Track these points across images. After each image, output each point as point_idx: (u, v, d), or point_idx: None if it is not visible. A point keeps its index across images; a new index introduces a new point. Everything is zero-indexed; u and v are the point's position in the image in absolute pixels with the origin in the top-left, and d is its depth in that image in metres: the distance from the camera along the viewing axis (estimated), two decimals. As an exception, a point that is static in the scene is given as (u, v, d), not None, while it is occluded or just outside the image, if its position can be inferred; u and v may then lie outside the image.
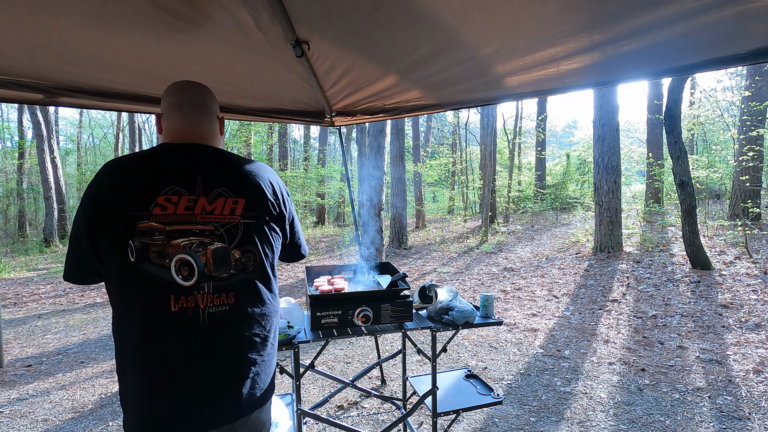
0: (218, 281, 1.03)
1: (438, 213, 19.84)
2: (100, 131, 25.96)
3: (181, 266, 1.00)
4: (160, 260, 0.98)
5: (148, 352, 0.97)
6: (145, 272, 0.97)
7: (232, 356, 1.04)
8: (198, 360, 0.99)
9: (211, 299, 1.02)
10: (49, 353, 4.02)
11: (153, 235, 0.98)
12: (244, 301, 1.07)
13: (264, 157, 16.95)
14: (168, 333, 0.98)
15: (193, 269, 1.01)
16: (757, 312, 4.10)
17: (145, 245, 0.97)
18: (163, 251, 0.99)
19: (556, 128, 33.51)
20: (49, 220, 12.18)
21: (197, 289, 1.01)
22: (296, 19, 1.42)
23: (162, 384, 0.97)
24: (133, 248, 0.97)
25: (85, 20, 1.33)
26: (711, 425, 2.43)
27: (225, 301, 1.04)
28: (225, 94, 2.03)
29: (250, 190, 1.11)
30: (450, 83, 1.87)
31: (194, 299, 1.00)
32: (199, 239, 1.02)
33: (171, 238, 1.00)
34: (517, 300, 5.36)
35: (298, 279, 7.27)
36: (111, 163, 1.04)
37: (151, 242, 0.98)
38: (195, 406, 0.99)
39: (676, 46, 1.39)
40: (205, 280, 1.02)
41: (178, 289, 0.99)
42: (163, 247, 0.99)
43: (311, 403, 2.80)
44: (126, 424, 1.01)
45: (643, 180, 13.31)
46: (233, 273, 1.06)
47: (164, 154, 1.07)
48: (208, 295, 1.02)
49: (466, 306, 1.90)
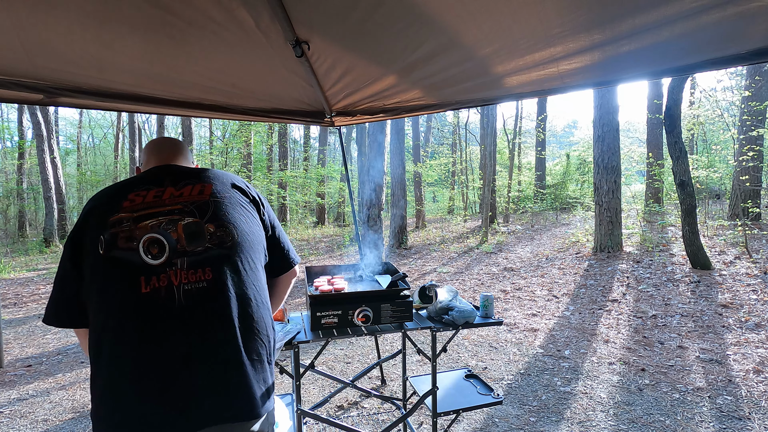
0: (193, 256, 0.99)
1: (438, 213, 19.84)
2: (100, 131, 25.96)
3: (150, 245, 0.98)
4: (128, 244, 0.98)
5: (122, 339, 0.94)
6: (113, 259, 0.96)
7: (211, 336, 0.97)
8: (172, 338, 0.94)
9: (186, 275, 0.98)
10: (49, 353, 4.02)
11: (121, 224, 1.00)
12: (223, 277, 1.01)
13: (264, 157, 16.97)
14: (143, 315, 0.94)
15: (163, 246, 0.98)
16: (757, 312, 4.10)
17: (113, 235, 0.98)
18: (131, 235, 0.98)
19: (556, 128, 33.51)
20: (49, 220, 12.17)
21: (169, 265, 0.97)
22: (296, 19, 1.42)
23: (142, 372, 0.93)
24: (103, 241, 0.98)
25: (85, 20, 1.33)
26: (711, 425, 2.43)
27: (202, 277, 0.99)
28: (225, 94, 2.03)
29: (216, 178, 1.17)
30: (450, 83, 1.87)
31: (167, 277, 0.96)
32: (168, 218, 1.01)
33: (138, 222, 1.00)
34: (517, 300, 5.36)
35: (298, 279, 7.28)
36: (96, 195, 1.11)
37: (119, 230, 0.99)
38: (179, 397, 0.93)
39: (676, 46, 1.39)
40: (178, 257, 0.98)
41: (147, 269, 0.96)
42: (130, 231, 0.98)
43: (311, 403, 2.80)
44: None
45: (643, 180, 13.32)
46: (209, 247, 1.02)
47: (145, 172, 1.17)
48: (182, 271, 0.97)
49: (466, 306, 1.90)
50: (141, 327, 0.94)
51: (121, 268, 0.96)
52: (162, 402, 0.92)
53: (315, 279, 1.98)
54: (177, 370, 0.93)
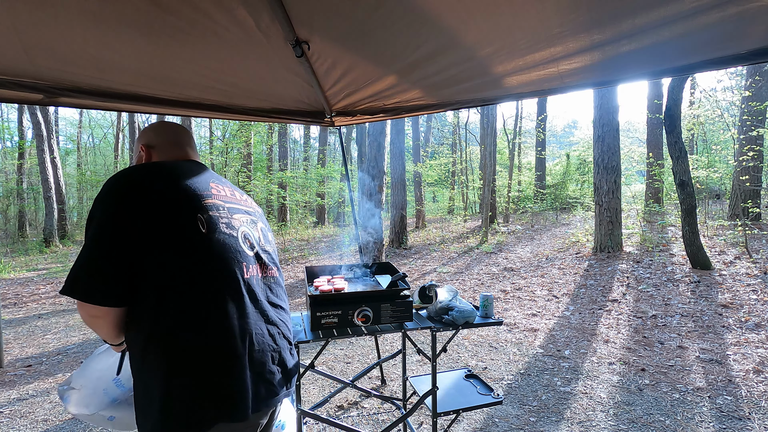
0: (267, 255, 1.17)
1: (438, 213, 19.83)
2: (100, 131, 25.96)
3: (245, 237, 1.11)
4: (230, 230, 1.06)
5: (237, 322, 0.99)
6: (218, 242, 1.01)
7: (284, 325, 1.16)
8: (265, 326, 1.08)
9: (263, 270, 1.14)
10: (49, 353, 4.02)
11: (219, 209, 1.06)
12: (280, 276, 1.23)
13: (264, 157, 16.96)
14: (246, 298, 1.03)
15: (252, 241, 1.13)
16: (757, 312, 4.10)
17: (213, 217, 1.03)
18: (230, 223, 1.07)
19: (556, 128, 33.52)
20: (49, 220, 12.17)
21: (257, 258, 1.13)
22: (296, 19, 1.42)
23: (255, 354, 1.02)
24: (203, 221, 1.00)
25: (85, 20, 1.33)
26: (711, 425, 2.43)
27: (273, 274, 1.18)
28: (225, 94, 2.03)
29: (244, 193, 1.32)
30: (450, 83, 1.87)
31: (255, 268, 1.11)
32: (249, 217, 1.18)
33: (232, 213, 1.11)
34: (517, 300, 5.36)
35: (298, 279, 7.27)
36: (137, 166, 1.04)
37: (218, 215, 1.05)
38: (271, 374, 1.06)
39: (676, 46, 1.39)
40: (261, 252, 1.15)
41: (246, 256, 1.08)
42: (229, 219, 1.08)
43: (311, 403, 2.80)
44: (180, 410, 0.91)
45: (643, 180, 13.32)
46: (272, 251, 1.23)
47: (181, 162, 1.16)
48: (262, 265, 1.14)
49: (466, 306, 1.90)
50: (247, 306, 1.03)
51: (227, 251, 1.02)
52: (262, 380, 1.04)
53: (315, 279, 1.98)
54: (266, 351, 1.06)
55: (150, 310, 0.93)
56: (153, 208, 0.95)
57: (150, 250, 0.93)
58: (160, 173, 1.03)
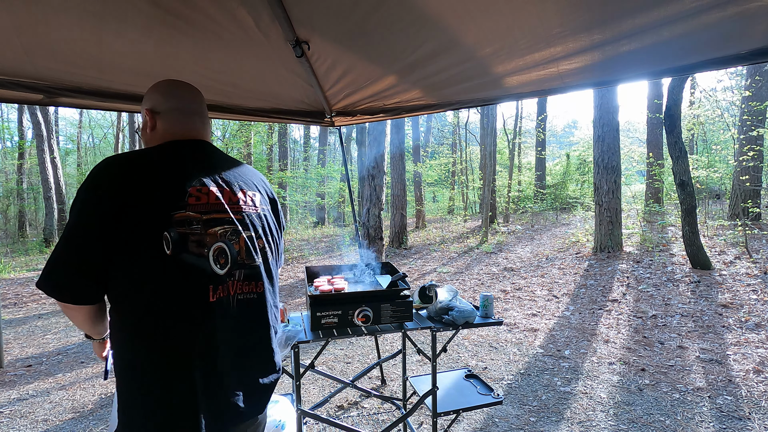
0: (248, 269, 1.05)
1: (438, 213, 19.83)
2: (100, 131, 25.95)
3: (219, 255, 1.00)
4: (199, 250, 0.97)
5: (194, 348, 0.94)
6: (182, 264, 0.94)
7: (259, 344, 1.08)
8: (232, 349, 1.01)
9: (240, 286, 1.04)
10: (49, 353, 4.02)
11: (191, 224, 0.96)
12: (266, 290, 1.10)
13: (264, 157, 16.95)
14: (210, 324, 0.97)
15: (227, 257, 1.02)
16: (757, 312, 4.10)
17: (182, 235, 0.94)
18: (202, 240, 0.97)
19: (556, 128, 33.48)
20: (49, 220, 12.18)
21: (230, 276, 1.02)
22: (296, 19, 1.42)
23: (211, 380, 0.96)
24: (169, 239, 0.93)
25: (85, 20, 1.33)
26: (711, 425, 2.43)
27: (254, 290, 1.06)
28: (225, 94, 2.03)
29: (259, 186, 1.18)
30: (450, 83, 1.87)
31: (226, 287, 1.01)
32: (232, 227, 1.04)
33: (208, 226, 0.99)
34: (517, 300, 5.36)
35: (298, 279, 7.27)
36: (121, 158, 0.98)
37: (189, 232, 0.96)
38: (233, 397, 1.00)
39: (676, 46, 1.39)
40: (237, 268, 1.03)
41: (215, 278, 0.99)
42: (201, 236, 0.97)
43: (311, 403, 2.80)
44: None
45: (643, 180, 13.30)
46: (259, 262, 1.09)
47: (179, 149, 1.06)
48: (238, 282, 1.03)
49: (466, 306, 1.90)
50: (210, 333, 0.97)
51: (191, 274, 0.95)
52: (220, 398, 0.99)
53: (315, 279, 1.98)
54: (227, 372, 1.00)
55: (114, 314, 0.95)
56: (121, 217, 0.90)
57: (113, 256, 0.91)
58: (140, 171, 0.96)
